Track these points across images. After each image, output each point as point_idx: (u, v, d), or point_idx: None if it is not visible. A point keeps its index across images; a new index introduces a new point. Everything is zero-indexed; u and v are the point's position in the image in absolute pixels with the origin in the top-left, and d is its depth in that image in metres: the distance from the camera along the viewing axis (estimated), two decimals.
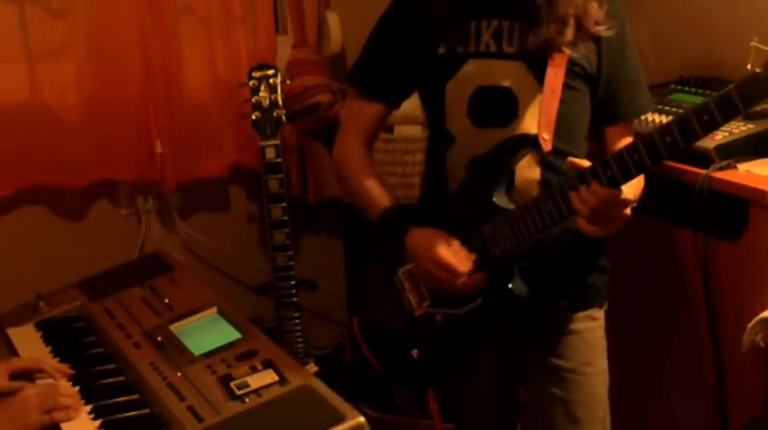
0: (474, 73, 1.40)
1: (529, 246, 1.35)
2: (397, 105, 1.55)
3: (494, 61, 1.39)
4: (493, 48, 1.39)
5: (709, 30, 2.01)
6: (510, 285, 1.37)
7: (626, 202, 1.26)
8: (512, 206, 1.37)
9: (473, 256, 1.39)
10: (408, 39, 1.44)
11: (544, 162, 1.39)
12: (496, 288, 1.39)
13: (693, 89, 1.89)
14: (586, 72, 1.40)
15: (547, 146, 1.37)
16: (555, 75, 1.36)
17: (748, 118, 1.75)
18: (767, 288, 1.58)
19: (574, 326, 1.50)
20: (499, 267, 1.39)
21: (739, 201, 1.59)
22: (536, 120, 1.38)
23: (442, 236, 1.40)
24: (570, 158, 1.28)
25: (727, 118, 1.12)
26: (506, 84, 1.39)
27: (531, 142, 1.38)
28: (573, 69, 1.38)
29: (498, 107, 1.40)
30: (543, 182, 1.39)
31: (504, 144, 1.39)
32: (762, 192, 1.55)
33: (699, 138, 1.15)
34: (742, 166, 1.62)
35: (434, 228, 1.42)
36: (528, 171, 1.40)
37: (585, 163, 1.27)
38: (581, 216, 1.26)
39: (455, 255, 1.37)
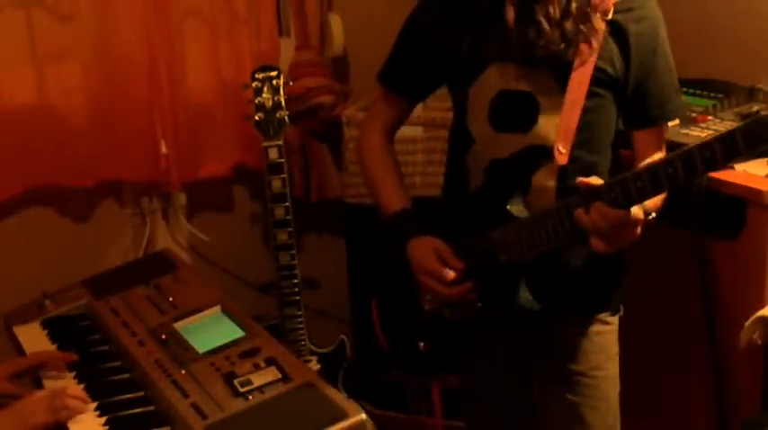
0: (496, 76, 1.39)
1: (535, 257, 1.35)
2: (422, 99, 1.60)
3: (516, 65, 1.37)
4: (516, 52, 1.37)
5: (708, 33, 2.02)
6: (518, 297, 1.37)
7: (635, 223, 1.24)
8: (525, 215, 1.37)
9: (460, 266, 1.41)
10: (432, 38, 1.43)
11: (561, 172, 1.38)
12: (501, 296, 1.39)
13: (693, 91, 1.91)
14: (611, 77, 1.36)
15: (562, 159, 1.35)
16: (579, 84, 1.34)
17: (745, 118, 1.77)
18: (764, 287, 1.59)
19: (585, 329, 1.49)
20: (505, 274, 1.39)
21: (737, 202, 1.60)
22: (556, 128, 1.36)
23: (436, 246, 1.44)
24: (579, 179, 1.26)
25: (729, 157, 1.11)
26: (528, 89, 1.37)
27: (549, 153, 1.36)
28: (597, 76, 1.35)
29: (518, 112, 1.38)
30: (559, 192, 1.38)
31: (523, 152, 1.39)
32: (759, 191, 1.56)
33: (699, 174, 1.15)
34: (739, 167, 1.63)
35: (433, 238, 1.45)
36: (544, 180, 1.39)
37: (596, 181, 1.25)
38: (590, 233, 1.25)
39: (442, 265, 1.41)
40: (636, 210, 1.24)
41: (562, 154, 1.35)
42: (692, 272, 1.71)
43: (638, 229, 1.27)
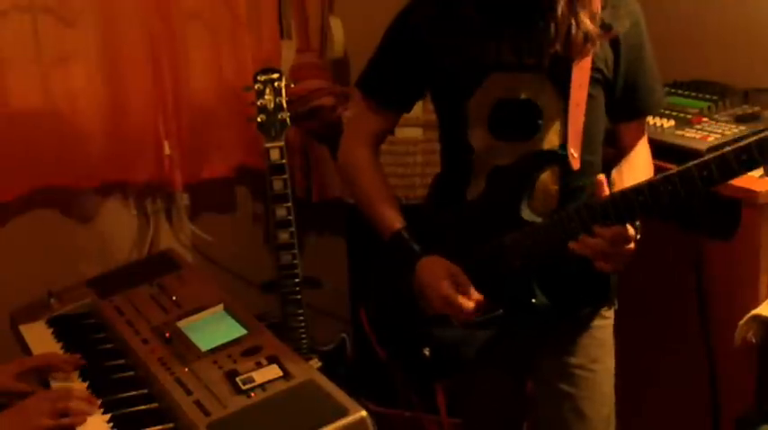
0: (494, 86, 1.37)
1: (549, 260, 1.35)
2: (408, 111, 1.55)
3: (514, 74, 1.36)
4: (513, 60, 1.36)
5: (703, 35, 2.05)
6: (534, 300, 1.38)
7: (628, 239, 1.27)
8: (537, 219, 1.36)
9: (480, 298, 1.37)
10: (421, 50, 1.41)
11: (563, 175, 1.39)
12: (517, 300, 1.40)
13: (687, 92, 1.93)
14: (605, 76, 1.38)
15: (576, 164, 1.35)
16: (579, 87, 1.34)
17: (740, 120, 1.79)
18: (759, 286, 1.61)
19: (585, 324, 1.51)
20: (518, 279, 1.38)
21: (732, 202, 1.62)
22: (557, 134, 1.37)
23: (450, 271, 1.39)
24: (600, 178, 1.27)
25: (745, 170, 1.14)
26: (527, 96, 1.36)
27: (557, 157, 1.36)
28: (593, 76, 1.36)
29: (520, 120, 1.38)
30: (561, 194, 1.39)
31: (527, 157, 1.38)
32: (753, 192, 1.58)
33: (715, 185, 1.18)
34: None
35: (441, 259, 1.41)
36: (548, 184, 1.39)
37: (605, 191, 1.26)
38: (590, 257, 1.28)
39: (461, 296, 1.37)
40: (630, 227, 1.27)
41: (575, 158, 1.34)
42: (688, 271, 1.72)
43: (632, 245, 1.29)
